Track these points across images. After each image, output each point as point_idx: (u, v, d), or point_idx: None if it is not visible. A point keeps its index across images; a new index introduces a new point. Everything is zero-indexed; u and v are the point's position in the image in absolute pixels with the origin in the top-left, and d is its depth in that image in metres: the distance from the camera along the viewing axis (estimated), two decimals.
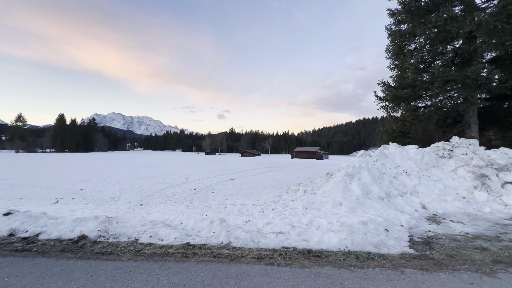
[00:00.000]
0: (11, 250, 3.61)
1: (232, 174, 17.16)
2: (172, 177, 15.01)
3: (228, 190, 10.36)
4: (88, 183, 12.14)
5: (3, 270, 3.02)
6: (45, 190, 9.91)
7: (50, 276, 2.90)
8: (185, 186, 11.27)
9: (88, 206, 7.27)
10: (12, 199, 8.14)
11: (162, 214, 6.11)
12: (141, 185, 11.38)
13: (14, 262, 3.24)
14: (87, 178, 14.14)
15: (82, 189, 10.32)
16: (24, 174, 15.62)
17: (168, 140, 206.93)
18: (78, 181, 12.80)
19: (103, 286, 2.71)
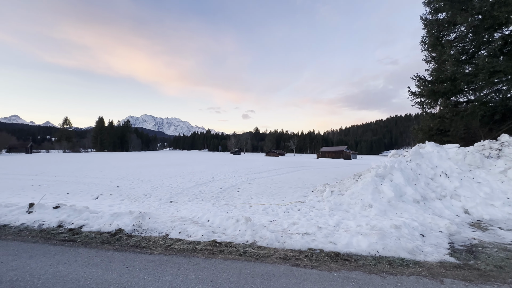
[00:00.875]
0: (60, 240, 4.02)
1: (257, 174, 17.23)
2: (199, 176, 15.52)
3: (253, 189, 10.42)
4: (124, 180, 13.05)
5: (54, 257, 3.37)
6: (87, 187, 10.86)
7: (92, 265, 3.17)
8: (211, 185, 11.58)
9: (124, 202, 7.81)
10: (60, 194, 9.05)
11: (190, 211, 6.35)
12: (171, 183, 11.93)
13: (62, 251, 3.60)
14: (122, 176, 15.22)
15: (118, 186, 11.12)
16: (70, 172, 17.29)
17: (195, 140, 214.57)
18: (115, 178, 13.82)
19: (138, 277, 2.89)
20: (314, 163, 34.51)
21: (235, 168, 22.62)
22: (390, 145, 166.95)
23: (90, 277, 2.86)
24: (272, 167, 23.92)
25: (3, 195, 8.62)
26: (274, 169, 21.49)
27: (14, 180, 12.92)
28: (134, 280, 2.83)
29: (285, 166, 26.59)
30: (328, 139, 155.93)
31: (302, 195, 8.97)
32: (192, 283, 2.79)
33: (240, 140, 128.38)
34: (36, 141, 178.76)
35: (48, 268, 3.05)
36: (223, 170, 20.09)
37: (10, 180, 12.89)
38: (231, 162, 33.01)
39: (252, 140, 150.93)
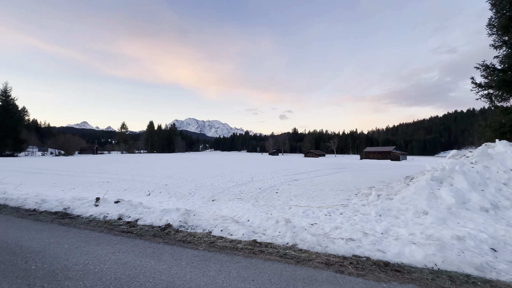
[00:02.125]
0: (120, 231, 4.54)
1: (296, 175, 16.95)
2: (239, 176, 15.93)
3: (292, 191, 10.28)
4: (171, 179, 14.14)
5: (115, 246, 3.81)
6: (141, 184, 12.06)
7: (146, 255, 3.50)
8: (251, 185, 11.78)
9: (171, 199, 8.46)
10: (119, 190, 10.24)
11: (231, 210, 6.55)
12: (212, 183, 12.50)
13: (122, 241, 4.05)
14: (170, 175, 16.51)
15: (166, 184, 12.09)
16: (126, 171, 19.44)
17: (234, 142, 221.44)
18: (163, 177, 15.07)
19: (185, 270, 3.09)
20: (357, 165, 32.47)
21: (274, 169, 22.62)
22: (448, 145, 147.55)
23: (144, 266, 3.16)
24: (312, 168, 23.28)
25: (77, 190, 10.13)
26: (313, 171, 20.89)
27: (84, 177, 15.08)
28: (181, 272, 3.04)
29: (325, 167, 25.63)
30: (373, 138, 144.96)
31: (344, 198, 8.52)
32: (234, 280, 2.87)
33: (278, 141, 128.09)
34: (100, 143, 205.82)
35: (111, 255, 3.47)
36: (262, 170, 20.26)
37: (81, 177, 15.07)
38: (269, 163, 33.11)
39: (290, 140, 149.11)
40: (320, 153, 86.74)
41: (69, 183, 12.17)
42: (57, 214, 5.59)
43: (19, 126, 54.86)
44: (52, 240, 3.99)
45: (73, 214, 5.63)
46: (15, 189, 9.02)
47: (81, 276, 2.89)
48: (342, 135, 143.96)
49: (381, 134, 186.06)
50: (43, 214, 5.58)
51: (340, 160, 49.51)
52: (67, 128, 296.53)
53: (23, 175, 15.40)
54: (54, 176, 15.66)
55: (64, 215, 5.56)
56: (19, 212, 5.71)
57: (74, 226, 4.77)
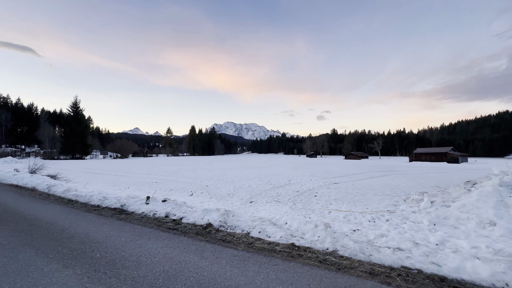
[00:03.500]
0: (167, 228, 4.94)
1: (336, 178, 16.27)
2: (276, 178, 15.93)
3: (331, 194, 9.90)
4: (211, 181, 14.83)
5: (163, 241, 4.16)
6: (184, 185, 12.91)
7: (189, 252, 3.74)
8: (288, 188, 11.69)
9: (211, 200, 8.88)
10: (166, 190, 11.13)
11: (269, 212, 6.59)
12: (250, 185, 12.73)
13: (169, 237, 4.40)
14: (210, 176, 17.34)
15: (207, 185, 12.73)
16: (172, 172, 21.03)
17: (271, 144, 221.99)
18: (204, 178, 15.89)
19: (225, 268, 3.22)
20: (406, 167, 29.64)
21: (312, 171, 22.07)
22: None
23: (188, 262, 3.38)
24: (353, 171, 22.09)
25: (131, 189, 11.32)
26: (355, 173, 19.79)
27: (136, 178, 16.78)
28: (222, 270, 3.17)
29: (368, 170, 24.06)
30: (425, 138, 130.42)
31: (391, 204, 7.88)
32: (272, 282, 2.88)
33: (316, 142, 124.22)
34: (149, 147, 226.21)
35: (160, 249, 3.80)
36: (299, 173, 19.94)
37: (134, 178, 16.80)
38: (307, 165, 32.37)
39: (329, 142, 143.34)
40: (363, 155, 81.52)
41: (124, 183, 13.67)
42: (115, 210, 6.35)
43: (86, 133, 63.83)
44: (112, 233, 4.54)
45: (128, 210, 6.32)
46: (83, 187, 10.50)
47: (135, 266, 3.24)
48: (388, 136, 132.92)
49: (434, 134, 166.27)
50: (105, 210, 6.38)
51: (386, 162, 45.80)
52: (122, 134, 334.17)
53: (89, 175, 17.80)
54: (112, 176, 17.78)
55: (121, 211, 6.28)
56: (86, 207, 6.63)
57: (129, 221, 5.35)
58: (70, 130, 59.49)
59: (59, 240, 4.12)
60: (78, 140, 60.09)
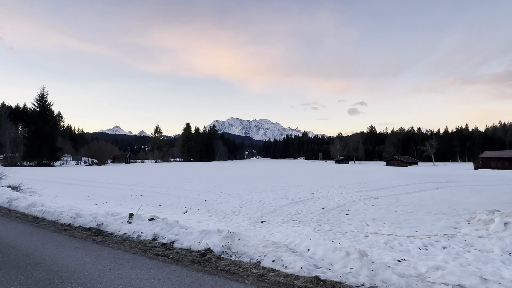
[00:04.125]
0: (154, 254, 5.02)
1: (374, 191, 16.04)
2: (295, 191, 15.88)
3: (368, 212, 9.77)
4: (211, 194, 14.96)
5: (150, 271, 4.23)
6: (177, 199, 13.09)
7: (183, 285, 3.78)
8: (311, 204, 11.63)
9: (211, 218, 8.96)
10: (154, 206, 11.33)
11: (285, 235, 6.57)
12: (261, 199, 12.75)
13: (157, 265, 4.47)
14: (210, 188, 17.50)
15: (206, 200, 12.85)
16: (161, 182, 21.38)
17: (288, 146, 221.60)
18: (202, 191, 16.06)
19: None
20: (470, 177, 28.78)
21: (342, 182, 21.84)
22: None
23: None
24: (397, 182, 21.70)
25: (110, 204, 11.60)
26: (400, 185, 19.44)
27: (117, 189, 17.17)
28: None
29: (418, 180, 23.57)
30: (495, 138, 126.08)
31: (449, 225, 7.69)
32: None
33: (348, 144, 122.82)
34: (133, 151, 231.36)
35: (146, 281, 3.86)
36: (326, 184, 19.78)
37: (114, 189, 17.20)
38: (337, 174, 32.07)
39: (365, 143, 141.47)
40: (410, 160, 79.90)
41: (102, 196, 14.01)
42: (91, 231, 6.51)
43: (55, 133, 66.05)
44: (87, 259, 4.65)
45: (107, 231, 6.47)
46: (51, 201, 10.85)
47: None
48: (444, 135, 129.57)
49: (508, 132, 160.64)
50: (78, 230, 6.56)
51: (442, 170, 44.61)
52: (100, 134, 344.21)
53: (58, 186, 18.37)
54: (87, 188, 18.27)
55: (97, 232, 6.44)
56: (55, 227, 6.84)
57: (108, 245, 5.47)
58: (36, 130, 61.69)
59: (21, 268, 4.27)
60: (46, 142, 62.20)
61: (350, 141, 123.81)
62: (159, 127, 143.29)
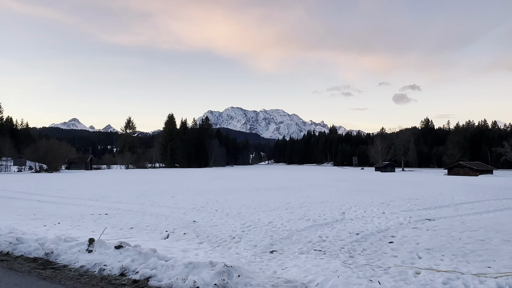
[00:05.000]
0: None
1: (430, 210, 15.95)
2: (319, 209, 15.83)
3: (421, 240, 9.71)
4: (202, 212, 15.02)
5: None
6: (155, 219, 13.17)
7: None
8: (340, 227, 11.58)
9: (202, 246, 8.98)
10: (123, 228, 11.42)
11: (304, 271, 6.54)
12: (271, 221, 12.75)
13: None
14: (201, 205, 17.57)
15: (195, 220, 12.90)
16: (134, 197, 21.54)
17: (310, 147, 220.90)
18: (190, 209, 16.13)
19: None
20: None
21: (386, 197, 21.70)
22: None
23: None
24: (463, 198, 21.53)
25: (63, 225, 11.73)
26: (467, 202, 19.31)
27: (74, 206, 17.36)
28: None
29: (493, 195, 23.31)
30: None
31: None
32: None
33: (394, 144, 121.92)
34: (96, 152, 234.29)
35: None
36: (362, 200, 19.70)
37: (70, 206, 17.40)
38: (377, 186, 31.85)
39: (418, 144, 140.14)
40: (482, 168, 78.89)
41: (53, 215, 14.18)
42: (36, 262, 6.59)
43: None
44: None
45: (58, 262, 6.54)
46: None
47: None
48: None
49: None
50: (19, 261, 6.65)
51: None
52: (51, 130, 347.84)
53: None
54: (33, 203, 18.52)
55: (45, 263, 6.51)
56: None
57: (59, 281, 5.53)
58: None
59: None
60: None
61: (397, 140, 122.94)
62: (131, 120, 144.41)
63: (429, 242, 9.43)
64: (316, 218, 13.39)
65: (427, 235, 10.33)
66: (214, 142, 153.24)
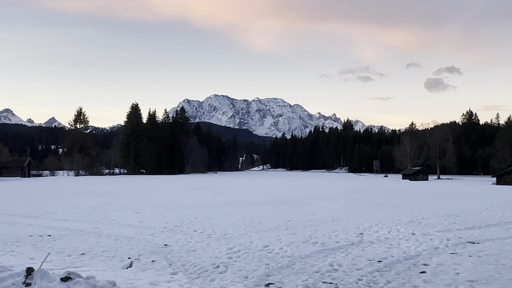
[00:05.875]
0: None
1: (473, 230, 16.06)
2: (329, 229, 15.82)
3: (462, 268, 9.72)
4: (177, 233, 14.92)
5: None
6: (114, 243, 13.07)
7: None
8: (357, 253, 11.56)
9: (176, 278, 8.92)
10: (72, 254, 11.31)
11: None
12: (267, 244, 12.71)
13: None
14: (174, 223, 17.46)
15: (167, 244, 12.83)
16: (87, 213, 21.37)
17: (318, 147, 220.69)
18: (160, 228, 16.02)
19: None
20: None
21: (416, 213, 21.79)
22: None
23: None
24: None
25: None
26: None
27: (7, 224, 17.16)
28: None
29: None
30: None
31: None
32: None
33: (427, 144, 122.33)
34: (37, 153, 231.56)
35: None
36: (386, 217, 19.76)
37: (1, 225, 17.19)
38: (405, 199, 31.90)
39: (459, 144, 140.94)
40: None
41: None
42: None
43: None
44: None
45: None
46: None
47: None
48: None
49: None
50: None
51: None
52: None
53: None
54: None
55: None
56: None
57: None
58: None
59: None
60: None
61: (431, 139, 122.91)
62: (83, 112, 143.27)
63: (472, 272, 9.44)
64: (326, 241, 13.37)
65: (470, 263, 10.33)
66: (192, 141, 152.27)
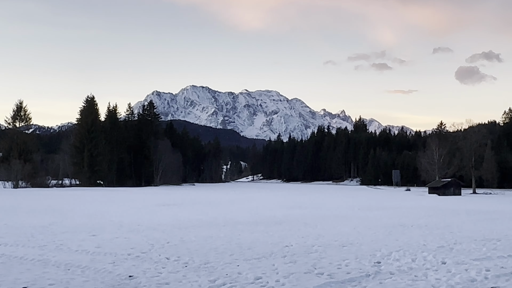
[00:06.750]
0: None
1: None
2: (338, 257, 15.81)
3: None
4: (144, 261, 14.81)
5: None
6: (64, 274, 12.93)
7: None
8: (374, 286, 11.52)
9: None
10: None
11: None
12: (259, 276, 12.61)
13: None
14: (141, 249, 17.35)
15: (132, 275, 12.72)
16: (30, 236, 21.16)
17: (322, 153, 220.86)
18: (124, 255, 15.91)
19: None
20: None
21: (447, 236, 21.94)
22: None
23: None
24: None
25: None
26: None
27: None
28: None
29: None
30: None
31: None
32: None
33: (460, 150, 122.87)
34: None
35: None
36: (409, 241, 19.87)
37: None
38: (433, 218, 32.04)
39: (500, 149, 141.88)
40: None
41: None
42: None
43: None
44: None
45: None
46: None
47: None
48: None
49: None
50: None
51: None
52: None
53: None
54: None
55: None
56: None
57: None
58: None
59: None
60: None
61: (465, 143, 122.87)
62: (24, 107, 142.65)
63: None
64: (334, 272, 13.33)
65: None
66: (163, 144, 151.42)
